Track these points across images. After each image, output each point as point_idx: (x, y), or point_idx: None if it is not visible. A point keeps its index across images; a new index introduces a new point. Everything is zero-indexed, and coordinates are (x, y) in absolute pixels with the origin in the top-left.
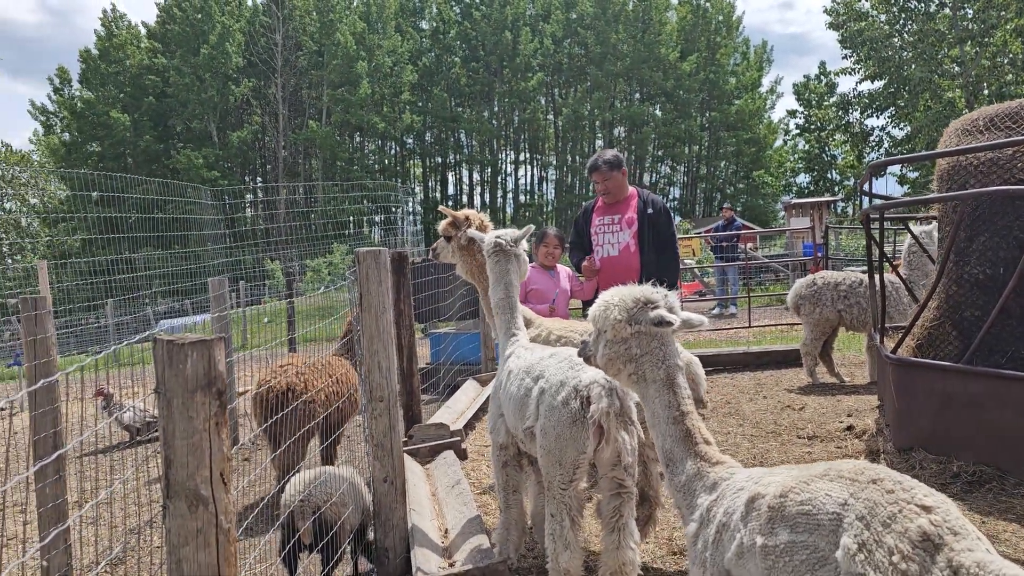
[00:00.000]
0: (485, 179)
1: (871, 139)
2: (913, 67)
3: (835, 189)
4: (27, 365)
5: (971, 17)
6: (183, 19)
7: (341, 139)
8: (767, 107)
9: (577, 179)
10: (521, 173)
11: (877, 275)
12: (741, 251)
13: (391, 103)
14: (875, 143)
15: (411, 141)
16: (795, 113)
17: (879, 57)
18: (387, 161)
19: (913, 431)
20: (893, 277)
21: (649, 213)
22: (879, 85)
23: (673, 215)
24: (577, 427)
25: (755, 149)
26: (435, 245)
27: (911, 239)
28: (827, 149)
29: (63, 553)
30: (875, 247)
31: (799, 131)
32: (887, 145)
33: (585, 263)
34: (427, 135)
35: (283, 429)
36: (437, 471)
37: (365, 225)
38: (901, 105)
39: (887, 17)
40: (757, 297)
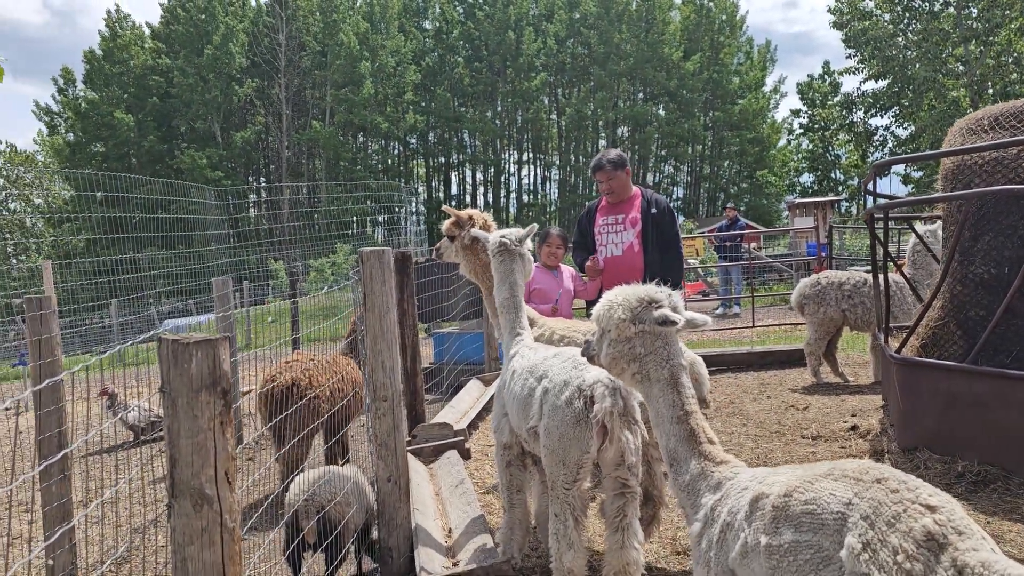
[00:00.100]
0: (488, 179)
1: (875, 138)
2: (917, 66)
3: (839, 189)
4: (32, 365)
5: (975, 16)
6: (187, 19)
7: (344, 139)
8: (771, 107)
9: (580, 179)
10: (524, 173)
11: (881, 275)
12: (745, 251)
13: (394, 103)
14: (879, 142)
15: (414, 141)
16: (799, 112)
17: (883, 56)
18: (390, 161)
19: (918, 431)
20: (897, 277)
21: (653, 213)
22: (883, 84)
23: (677, 215)
24: (581, 427)
25: (759, 149)
26: (439, 245)
27: (915, 238)
28: (831, 149)
29: (68, 552)
30: (879, 247)
31: (803, 131)
32: (891, 144)
33: (588, 263)
34: (430, 135)
35: (288, 424)
36: (441, 471)
37: (368, 225)
38: (905, 104)
39: (891, 16)
40: (761, 297)
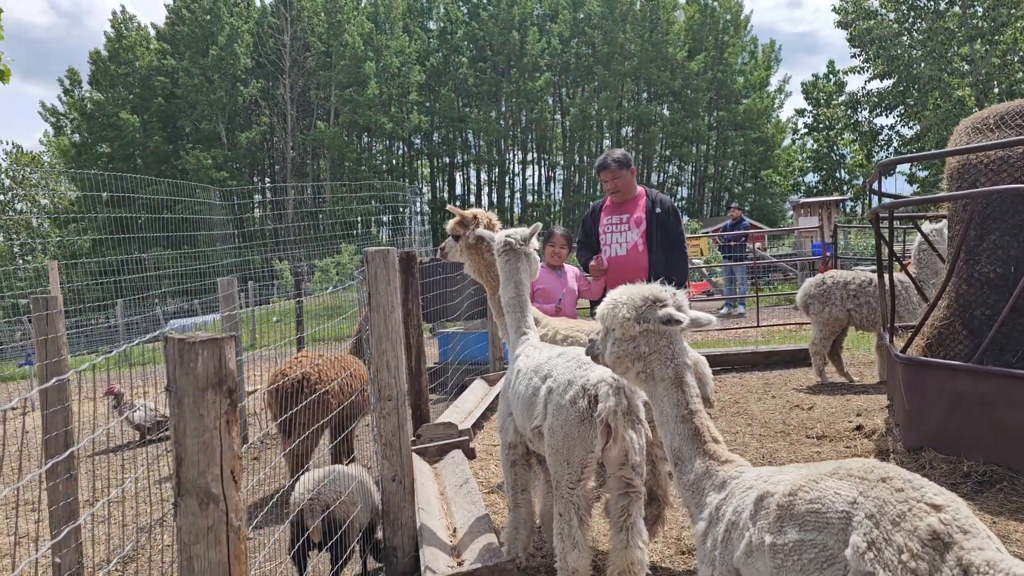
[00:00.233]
0: (493, 179)
1: (880, 138)
2: (922, 65)
3: (844, 188)
4: (38, 365)
5: (981, 15)
6: (192, 20)
7: (349, 139)
8: (775, 106)
9: (585, 179)
10: (529, 173)
11: (887, 274)
12: (749, 251)
13: (399, 103)
14: (884, 142)
15: (419, 141)
16: (803, 112)
17: (888, 55)
18: (395, 161)
19: (923, 431)
20: (903, 276)
21: (657, 212)
22: (888, 84)
23: (681, 215)
24: (585, 426)
25: (763, 148)
26: (443, 244)
27: (921, 238)
28: (836, 148)
29: (75, 551)
30: (884, 246)
31: (807, 130)
32: (896, 144)
33: (592, 262)
34: (435, 135)
35: (298, 417)
36: (445, 470)
37: (373, 225)
38: (910, 104)
39: (896, 15)
40: (765, 297)
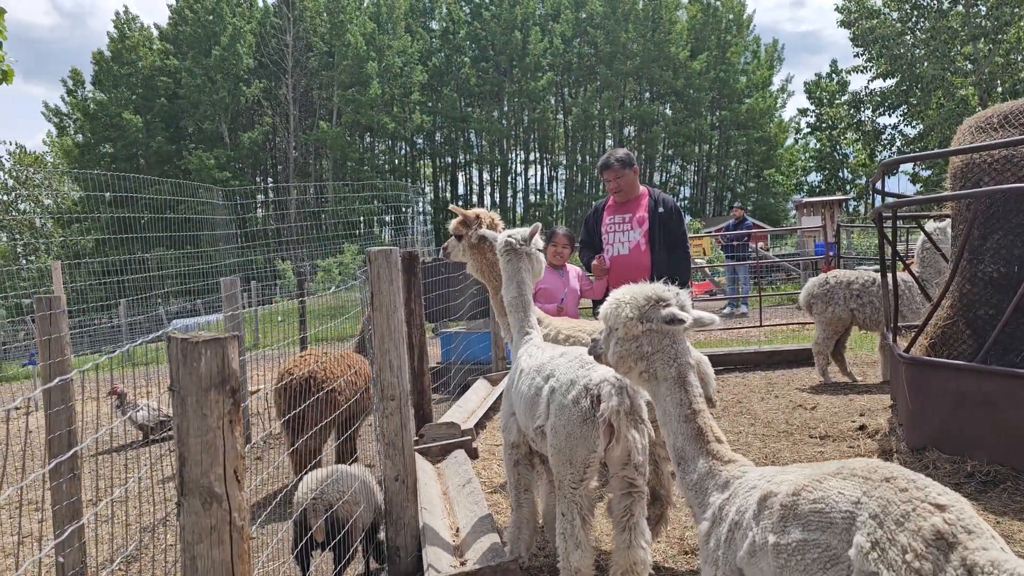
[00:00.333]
0: (495, 179)
1: (883, 137)
2: (925, 64)
3: (847, 188)
4: (42, 364)
5: (984, 14)
6: (195, 21)
7: (351, 139)
8: (778, 106)
9: (587, 178)
10: (531, 173)
11: (890, 274)
12: (752, 250)
13: (401, 103)
14: (887, 141)
15: (421, 141)
16: (806, 111)
17: (891, 55)
18: (397, 161)
19: (927, 430)
20: (906, 276)
21: (660, 212)
22: (891, 83)
23: (684, 214)
24: (587, 426)
25: (766, 148)
26: (446, 244)
27: (924, 237)
28: (839, 147)
29: (78, 550)
30: (888, 245)
31: (810, 130)
32: (899, 143)
33: (595, 262)
34: (437, 135)
35: (305, 416)
36: (448, 470)
37: (375, 225)
38: (913, 103)
39: (899, 14)
40: (768, 296)
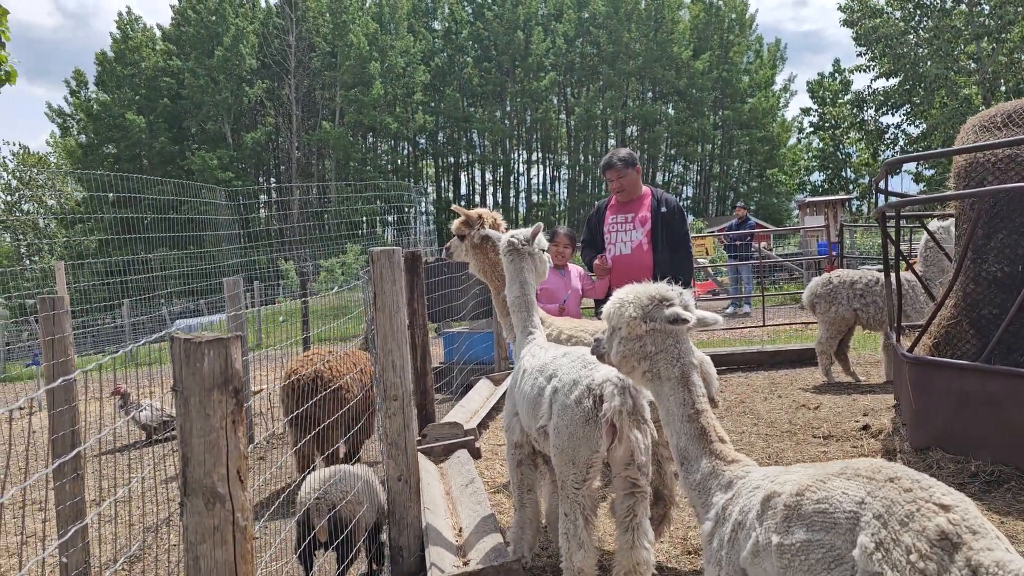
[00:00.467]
0: (498, 179)
1: (886, 137)
2: (929, 64)
3: (850, 187)
4: (45, 365)
5: (988, 13)
6: (197, 21)
7: (354, 140)
8: (781, 105)
9: (589, 178)
10: (533, 173)
11: (893, 273)
12: (755, 250)
13: (404, 103)
14: (890, 141)
15: (424, 141)
16: (809, 111)
17: (894, 54)
18: (400, 161)
19: (930, 430)
20: (909, 275)
21: (663, 212)
22: (894, 82)
23: (686, 214)
24: (590, 426)
25: (768, 147)
26: (448, 244)
27: (927, 236)
28: (842, 147)
29: (81, 551)
30: (891, 245)
31: (813, 129)
32: (902, 143)
33: (597, 261)
34: (439, 135)
35: (314, 415)
36: (451, 470)
37: (378, 225)
38: (916, 102)
39: (902, 14)
40: (771, 296)
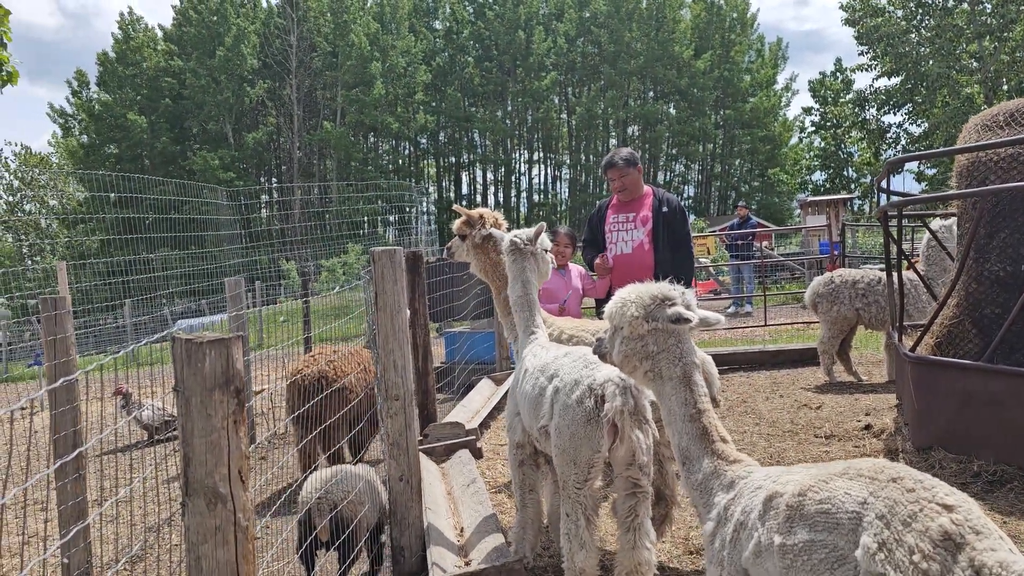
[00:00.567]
0: (499, 178)
1: (888, 136)
2: (931, 63)
3: (851, 186)
4: (47, 365)
5: (990, 12)
6: (199, 22)
7: (355, 139)
8: (782, 104)
9: (591, 178)
10: (535, 172)
11: (895, 273)
12: (756, 249)
13: (405, 103)
14: (892, 140)
15: (425, 141)
16: (811, 110)
17: (896, 53)
18: (401, 161)
19: (933, 430)
20: (911, 275)
21: (664, 211)
22: (896, 81)
23: (688, 213)
24: (591, 426)
25: (770, 147)
26: (450, 244)
27: (929, 235)
28: (843, 146)
29: (83, 550)
30: (893, 244)
31: (815, 128)
32: (904, 142)
33: (598, 261)
34: (441, 135)
35: (320, 414)
36: (452, 470)
37: (379, 225)
38: (918, 101)
39: (904, 12)
40: (773, 295)
